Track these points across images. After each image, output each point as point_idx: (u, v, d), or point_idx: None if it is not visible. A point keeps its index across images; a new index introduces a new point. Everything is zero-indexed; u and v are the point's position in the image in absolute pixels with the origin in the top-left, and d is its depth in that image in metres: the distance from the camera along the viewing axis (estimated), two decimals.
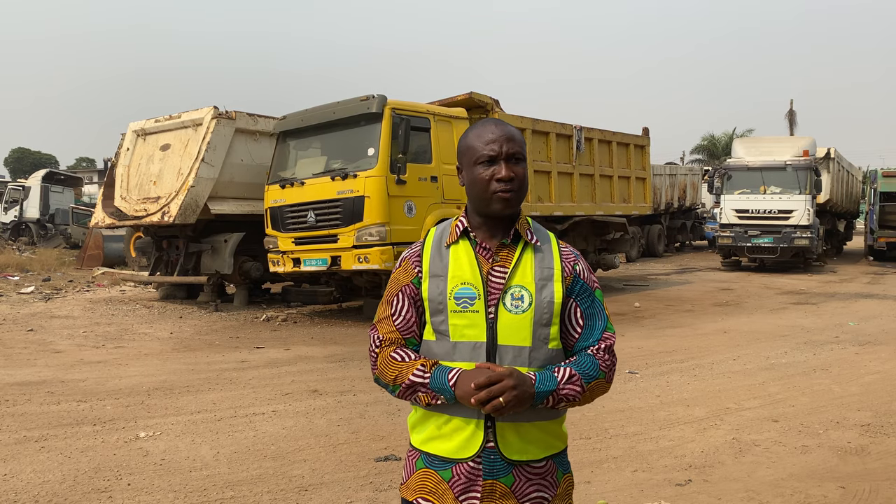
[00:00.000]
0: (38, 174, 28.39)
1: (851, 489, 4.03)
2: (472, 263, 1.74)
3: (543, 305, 1.73)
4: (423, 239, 1.85)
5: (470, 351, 1.70)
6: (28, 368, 7.24)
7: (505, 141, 1.74)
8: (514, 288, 1.73)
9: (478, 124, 1.82)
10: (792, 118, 50.18)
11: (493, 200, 1.73)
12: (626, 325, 10.27)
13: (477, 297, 1.71)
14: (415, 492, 1.75)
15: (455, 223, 1.81)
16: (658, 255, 24.42)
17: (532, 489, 1.73)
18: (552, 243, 1.82)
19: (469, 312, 1.71)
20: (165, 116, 12.21)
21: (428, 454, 1.75)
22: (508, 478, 1.70)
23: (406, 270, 1.80)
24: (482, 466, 1.69)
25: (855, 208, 27.52)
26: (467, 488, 1.69)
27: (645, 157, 15.51)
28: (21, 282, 15.12)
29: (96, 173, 49.20)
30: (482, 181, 1.74)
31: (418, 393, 1.70)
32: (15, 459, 4.48)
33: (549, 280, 1.75)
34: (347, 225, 9.70)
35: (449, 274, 1.74)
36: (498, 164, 1.73)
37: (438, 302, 1.73)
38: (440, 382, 1.66)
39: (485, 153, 1.74)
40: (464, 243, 1.78)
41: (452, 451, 1.71)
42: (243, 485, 4.08)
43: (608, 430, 5.15)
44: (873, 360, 7.68)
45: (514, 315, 1.71)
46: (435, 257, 1.78)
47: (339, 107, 10.29)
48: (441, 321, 1.73)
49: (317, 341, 9.01)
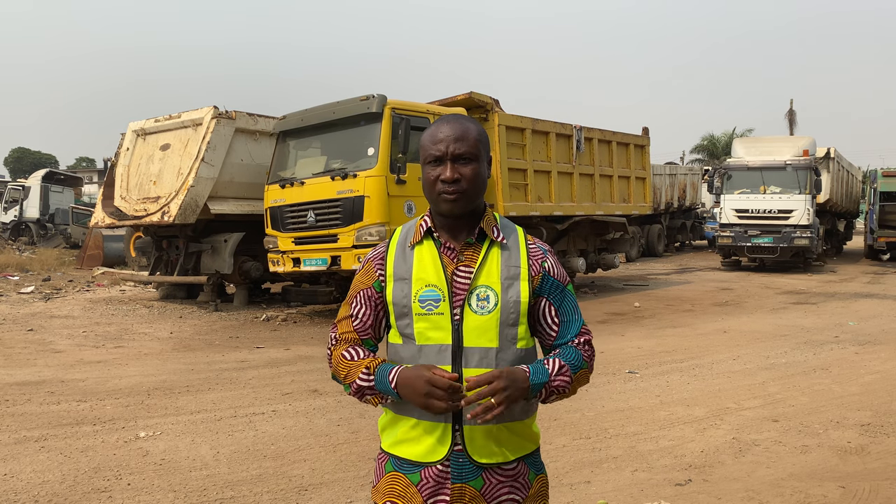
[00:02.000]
0: (38, 174, 28.37)
1: (851, 489, 4.03)
2: (437, 264, 1.72)
3: (510, 305, 1.70)
4: (389, 239, 1.82)
5: (435, 354, 1.68)
6: (28, 368, 7.24)
7: (452, 141, 1.70)
8: (479, 288, 1.70)
9: (437, 121, 1.79)
10: (792, 118, 50.15)
11: (439, 201, 1.72)
12: (626, 325, 10.27)
13: (441, 298, 1.69)
14: (384, 495, 1.74)
15: (419, 223, 1.78)
16: (658, 255, 24.42)
17: (503, 492, 1.71)
18: (520, 240, 1.78)
19: (434, 315, 1.69)
20: (165, 116, 12.20)
21: (397, 457, 1.74)
22: (478, 481, 1.68)
23: (367, 273, 1.79)
24: (450, 470, 1.67)
25: (855, 208, 27.51)
26: (435, 492, 1.68)
27: (645, 157, 15.51)
28: (21, 282, 15.12)
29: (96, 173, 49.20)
30: (429, 181, 1.73)
31: (366, 396, 1.71)
32: (15, 459, 4.48)
33: (515, 279, 1.72)
34: (347, 225, 9.70)
35: (413, 276, 1.72)
36: (444, 165, 1.71)
37: (403, 305, 1.71)
38: (383, 385, 1.66)
39: (431, 153, 1.72)
40: (428, 243, 1.75)
41: (421, 454, 1.69)
42: (243, 485, 4.08)
43: (608, 430, 5.15)
44: (873, 359, 7.68)
45: (479, 316, 1.69)
46: (399, 259, 1.75)
47: (339, 107, 10.29)
48: (406, 324, 1.72)
49: (317, 341, 9.01)
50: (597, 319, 10.84)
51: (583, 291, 14.20)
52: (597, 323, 10.53)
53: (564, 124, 13.06)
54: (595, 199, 13.72)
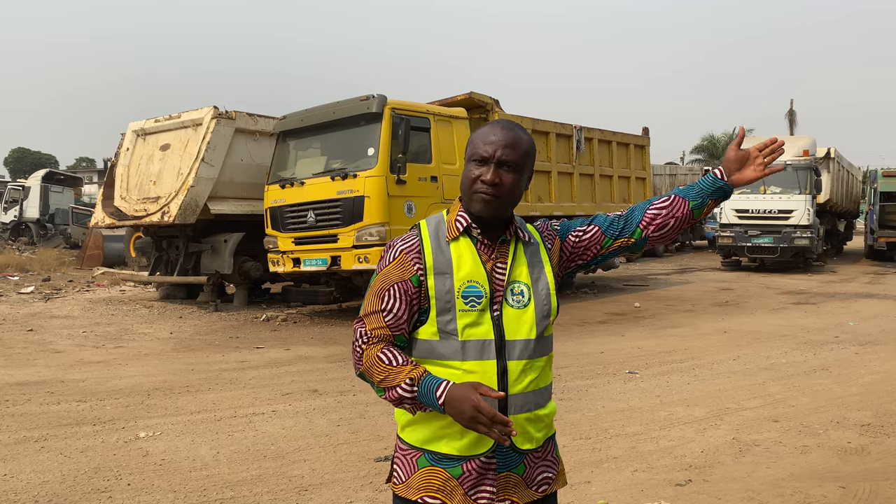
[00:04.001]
0: (38, 174, 28.38)
1: (851, 489, 4.03)
2: (476, 261, 1.74)
3: (542, 297, 1.77)
4: (417, 232, 1.80)
5: (479, 349, 1.70)
6: (28, 368, 7.24)
7: (502, 146, 1.73)
8: (514, 283, 1.75)
9: (492, 123, 1.82)
10: (792, 118, 50.13)
11: (473, 199, 1.74)
12: (627, 326, 10.27)
13: (483, 294, 1.71)
14: (418, 490, 1.72)
15: (454, 218, 1.79)
16: (658, 255, 24.41)
17: (539, 472, 1.77)
18: (534, 234, 1.86)
19: (477, 311, 1.71)
20: (165, 116, 12.21)
21: (433, 452, 1.72)
22: (520, 467, 1.74)
23: (402, 266, 1.74)
24: (496, 460, 1.70)
25: (855, 208, 27.50)
26: (478, 482, 1.69)
27: (645, 157, 15.51)
28: (21, 282, 15.12)
29: (96, 173, 49.22)
30: (469, 178, 1.76)
31: (405, 405, 1.69)
32: (15, 459, 4.48)
33: (541, 272, 1.80)
34: (347, 225, 9.70)
35: (454, 272, 1.73)
36: (487, 167, 1.73)
37: (446, 301, 1.71)
38: (428, 398, 1.64)
39: (479, 152, 1.75)
40: (465, 240, 1.77)
41: (463, 448, 1.70)
42: (243, 485, 4.08)
43: (608, 430, 5.15)
44: (873, 360, 7.67)
45: (517, 310, 1.74)
46: (437, 253, 1.75)
47: (339, 107, 10.29)
48: (448, 320, 1.71)
49: (317, 341, 9.01)
50: (597, 319, 10.84)
51: (583, 291, 14.20)
52: (597, 323, 10.53)
53: (564, 124, 13.07)
54: (595, 199, 13.73)
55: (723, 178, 1.86)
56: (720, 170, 1.88)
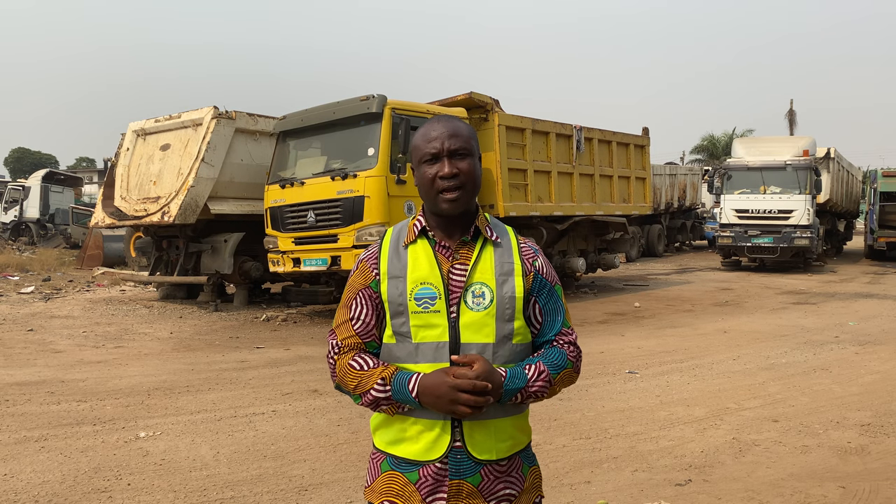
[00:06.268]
0: (38, 174, 28.38)
1: (851, 489, 4.03)
2: (432, 262, 1.72)
3: (505, 301, 1.71)
4: (380, 240, 1.81)
5: (433, 352, 1.68)
6: (28, 368, 7.24)
7: (447, 137, 1.72)
8: (474, 285, 1.71)
9: (425, 123, 1.80)
10: (792, 118, 50.17)
11: (438, 200, 1.72)
12: (627, 325, 10.27)
13: (438, 296, 1.69)
14: (380, 495, 1.73)
15: (413, 222, 1.79)
16: (658, 255, 24.42)
17: (499, 486, 1.72)
18: (511, 238, 1.80)
19: (430, 313, 1.69)
20: (165, 116, 12.21)
21: (393, 456, 1.72)
22: (475, 477, 1.68)
23: (363, 273, 1.77)
24: (448, 467, 1.67)
25: (855, 208, 27.51)
26: (434, 489, 1.67)
27: (645, 157, 15.51)
28: (21, 282, 15.13)
29: (96, 173, 49.20)
30: (426, 180, 1.73)
31: (382, 406, 1.69)
32: (15, 459, 4.48)
33: (509, 275, 1.73)
34: (347, 225, 9.70)
35: (408, 275, 1.72)
36: (440, 161, 1.72)
37: (399, 303, 1.70)
38: (402, 394, 1.65)
39: (427, 151, 1.73)
40: (422, 242, 1.75)
41: (419, 452, 1.69)
42: (243, 485, 4.08)
43: (608, 430, 5.15)
44: (873, 360, 7.68)
45: (475, 312, 1.69)
46: (393, 258, 1.75)
47: (339, 107, 10.29)
48: (402, 323, 1.71)
49: (317, 341, 9.01)
50: (597, 319, 10.84)
51: (583, 291, 14.20)
52: (597, 323, 10.53)
53: (564, 124, 13.06)
54: (595, 199, 13.72)
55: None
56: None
